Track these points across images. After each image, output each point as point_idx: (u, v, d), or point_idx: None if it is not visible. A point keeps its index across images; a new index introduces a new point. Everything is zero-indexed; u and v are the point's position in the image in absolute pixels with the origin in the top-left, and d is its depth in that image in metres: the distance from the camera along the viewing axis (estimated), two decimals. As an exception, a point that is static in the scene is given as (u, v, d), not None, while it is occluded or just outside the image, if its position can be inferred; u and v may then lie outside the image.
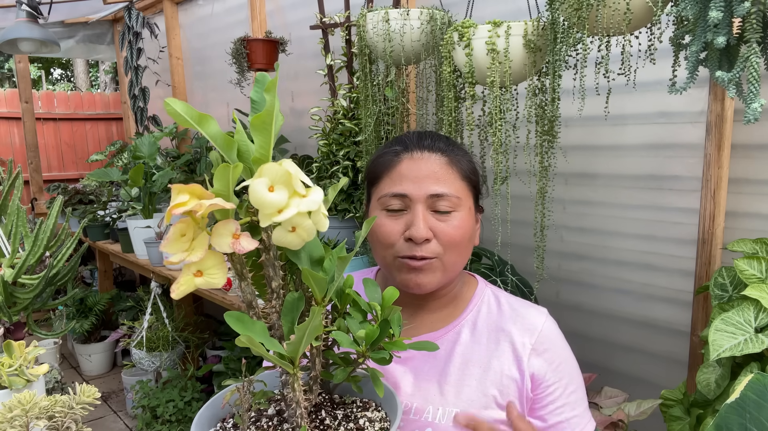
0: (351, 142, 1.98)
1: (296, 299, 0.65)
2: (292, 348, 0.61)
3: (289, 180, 0.58)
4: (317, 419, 0.69)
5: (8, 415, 0.80)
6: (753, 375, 0.51)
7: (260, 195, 0.57)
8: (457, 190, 0.90)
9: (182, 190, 0.55)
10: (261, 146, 0.61)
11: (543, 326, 0.94)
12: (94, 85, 10.54)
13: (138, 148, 2.90)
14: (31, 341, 1.13)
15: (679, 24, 1.07)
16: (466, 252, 0.92)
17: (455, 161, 0.92)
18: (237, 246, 0.57)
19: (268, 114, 0.60)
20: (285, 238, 0.60)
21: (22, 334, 1.27)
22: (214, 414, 0.73)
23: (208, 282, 0.57)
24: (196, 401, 2.74)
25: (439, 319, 0.97)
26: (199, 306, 3.48)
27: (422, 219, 0.87)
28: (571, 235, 1.76)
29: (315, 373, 0.69)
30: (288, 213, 0.57)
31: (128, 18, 3.20)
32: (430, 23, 1.52)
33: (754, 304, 1.10)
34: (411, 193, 0.88)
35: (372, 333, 0.67)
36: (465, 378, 0.91)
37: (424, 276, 0.89)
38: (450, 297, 0.98)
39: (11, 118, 4.94)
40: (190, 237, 0.57)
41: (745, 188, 1.38)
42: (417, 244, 0.87)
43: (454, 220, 0.89)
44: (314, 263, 0.67)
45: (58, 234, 1.37)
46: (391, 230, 0.89)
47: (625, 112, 1.58)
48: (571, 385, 0.93)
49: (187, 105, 0.59)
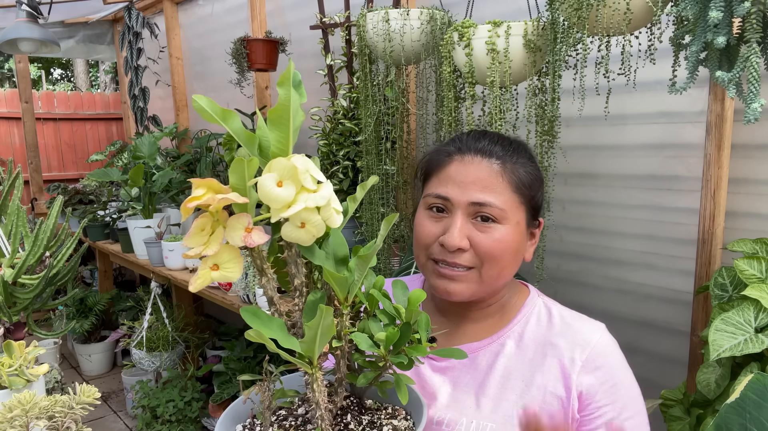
0: (351, 142, 1.98)
1: (318, 299, 0.63)
2: (306, 347, 0.60)
3: (296, 175, 0.57)
4: (342, 422, 0.67)
5: (8, 415, 0.80)
6: (753, 375, 0.51)
7: (268, 190, 0.56)
8: (504, 202, 0.84)
9: (200, 184, 0.55)
10: (279, 141, 0.60)
11: (597, 341, 0.86)
12: (94, 85, 10.54)
13: (138, 148, 2.90)
14: (31, 341, 1.13)
15: (679, 24, 1.07)
16: (508, 267, 0.87)
17: (510, 170, 0.86)
18: (248, 239, 0.57)
19: (283, 108, 0.59)
20: (294, 234, 0.59)
21: (22, 334, 1.27)
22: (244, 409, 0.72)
23: (224, 275, 0.58)
24: (196, 401, 2.74)
25: (483, 329, 0.92)
26: (199, 306, 3.48)
27: (459, 227, 0.83)
28: (570, 235, 1.76)
29: (340, 375, 0.68)
30: (295, 208, 0.57)
31: (128, 18, 3.20)
32: (430, 23, 1.52)
33: (754, 304, 1.10)
34: (453, 197, 0.84)
35: (392, 336, 0.64)
36: (504, 392, 0.86)
37: (455, 285, 0.85)
38: (496, 307, 0.93)
39: (11, 118, 4.94)
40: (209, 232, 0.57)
41: (745, 188, 1.38)
42: (449, 251, 0.84)
43: (495, 233, 0.83)
44: (339, 262, 0.65)
45: (58, 234, 1.37)
46: (429, 231, 0.86)
47: (625, 112, 1.58)
48: (626, 411, 0.84)
49: (212, 101, 0.59)
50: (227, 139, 2.48)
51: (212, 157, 2.92)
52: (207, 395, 2.82)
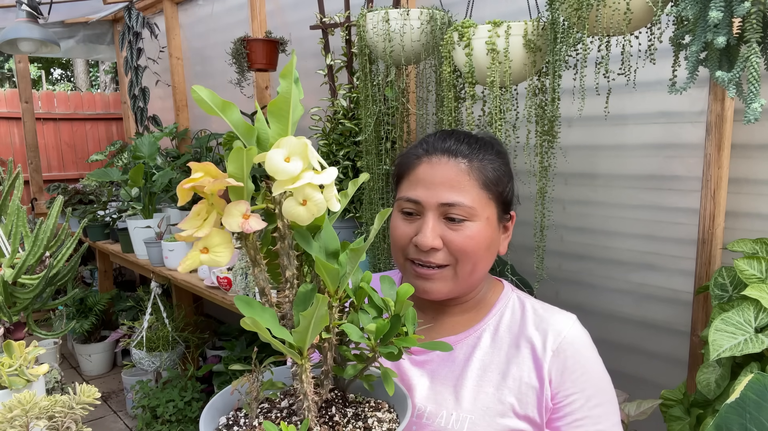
0: (351, 142, 1.98)
1: (309, 290, 0.65)
2: (298, 336, 0.61)
3: (305, 152, 0.59)
4: (326, 415, 0.68)
5: (8, 415, 0.80)
6: (753, 375, 0.51)
7: (275, 162, 0.58)
8: (473, 200, 0.86)
9: (198, 167, 0.57)
10: (278, 133, 0.61)
11: (568, 331, 0.89)
12: (94, 85, 10.54)
13: (138, 148, 2.90)
14: (31, 341, 1.13)
15: (679, 24, 1.07)
16: (482, 262, 0.89)
17: (477, 168, 0.88)
18: (246, 225, 0.57)
19: (284, 100, 0.60)
20: (295, 210, 0.60)
21: (22, 334, 1.27)
22: (226, 402, 0.73)
23: (212, 259, 0.58)
24: (196, 401, 2.74)
25: (460, 323, 0.95)
26: (199, 306, 3.48)
27: (431, 228, 0.85)
28: (571, 235, 1.76)
29: (326, 368, 0.69)
30: (301, 181, 0.58)
31: (128, 18, 3.20)
32: (430, 23, 1.52)
33: (754, 304, 1.10)
34: (423, 199, 0.87)
35: (382, 328, 0.66)
36: (482, 384, 0.88)
37: (432, 284, 0.88)
38: (473, 302, 0.95)
39: (11, 118, 4.94)
40: (204, 217, 0.58)
41: (745, 188, 1.38)
42: (423, 251, 0.86)
43: (466, 230, 0.86)
44: (330, 256, 0.66)
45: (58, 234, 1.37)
46: (403, 233, 0.89)
47: (625, 112, 1.58)
48: (595, 398, 0.86)
49: (212, 92, 0.60)
50: (227, 138, 2.48)
51: (212, 157, 2.92)
52: (207, 395, 2.82)
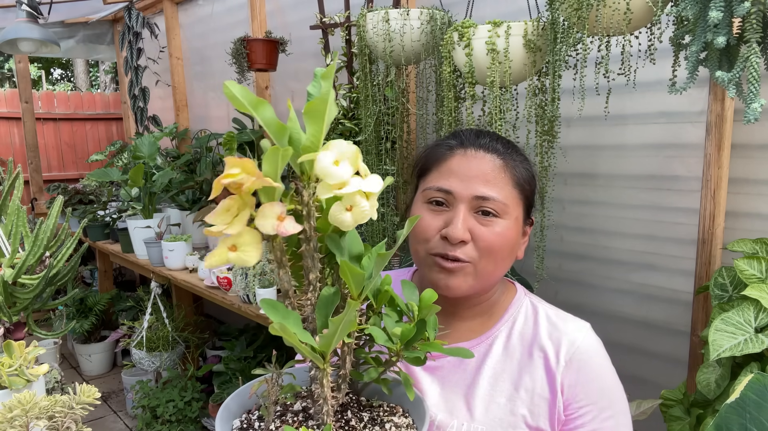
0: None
1: (332, 294, 0.64)
2: (324, 341, 0.60)
3: (356, 158, 0.58)
4: (343, 419, 0.68)
5: (8, 415, 0.80)
6: (753, 375, 0.51)
7: (326, 165, 0.57)
8: (506, 197, 0.85)
9: (235, 163, 0.55)
10: (313, 134, 0.60)
11: (582, 341, 0.87)
12: (94, 85, 10.54)
13: (138, 148, 2.90)
14: (31, 341, 1.13)
15: (679, 24, 1.07)
16: (504, 262, 0.87)
17: (511, 166, 0.87)
18: (281, 228, 0.57)
19: (322, 101, 0.59)
20: (340, 215, 0.59)
21: (22, 334, 1.27)
22: (241, 404, 0.72)
23: (240, 258, 0.58)
24: (196, 401, 2.74)
25: (472, 328, 0.92)
26: (199, 306, 3.48)
27: (462, 219, 0.83)
28: (571, 235, 1.76)
29: (344, 371, 0.68)
30: (350, 188, 0.57)
31: (128, 18, 3.20)
32: (430, 23, 1.52)
33: (754, 304, 1.10)
34: (456, 190, 0.85)
35: (408, 332, 0.66)
36: (494, 394, 0.86)
37: (454, 278, 0.85)
38: (485, 305, 0.93)
39: (11, 118, 4.94)
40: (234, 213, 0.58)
41: (745, 188, 1.38)
42: (452, 244, 0.83)
43: (496, 227, 0.84)
44: (353, 259, 0.66)
45: (58, 234, 1.37)
46: (429, 225, 0.86)
47: (625, 112, 1.58)
48: (608, 410, 0.84)
49: (244, 89, 0.58)
50: (227, 138, 2.48)
51: (212, 157, 2.92)
52: (207, 395, 2.82)
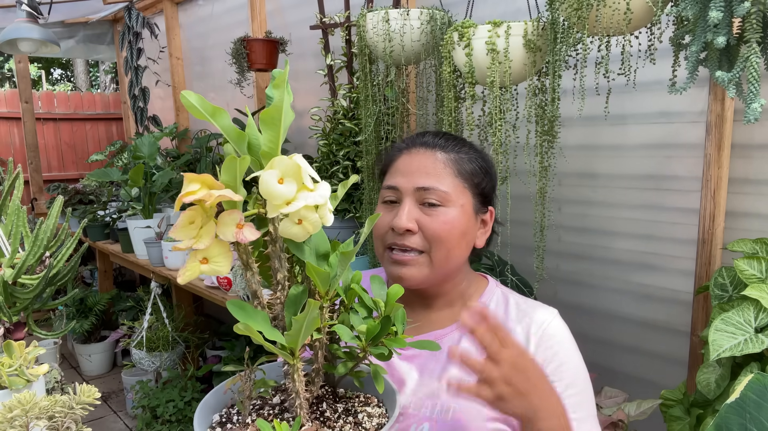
0: (351, 142, 1.98)
1: (300, 292, 0.66)
2: (290, 338, 0.63)
3: (298, 173, 0.60)
4: (318, 411, 0.70)
5: (8, 415, 0.80)
6: (753, 375, 0.51)
7: (270, 186, 0.59)
8: (448, 186, 0.91)
9: (194, 179, 0.57)
10: (270, 140, 0.63)
11: (549, 325, 0.93)
12: (94, 85, 10.54)
13: (138, 148, 2.90)
14: (31, 341, 1.13)
15: (679, 24, 1.07)
16: (457, 250, 0.92)
17: (453, 159, 0.94)
18: (240, 235, 0.58)
19: (276, 109, 0.62)
20: (291, 230, 0.61)
21: (22, 334, 1.27)
22: (218, 400, 0.74)
23: (213, 269, 0.59)
24: (196, 401, 2.74)
25: (445, 317, 0.98)
26: (199, 306, 3.48)
27: (407, 211, 0.90)
28: (570, 235, 1.76)
29: (317, 366, 0.70)
30: (296, 205, 0.59)
31: (128, 18, 3.20)
32: (430, 23, 1.52)
33: (754, 304, 1.10)
34: (401, 185, 0.92)
35: (373, 329, 0.68)
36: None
37: (407, 269, 0.91)
38: (455, 294, 0.99)
39: (11, 118, 4.94)
40: (198, 225, 0.59)
41: (745, 188, 1.38)
42: (399, 234, 0.90)
43: (441, 215, 0.90)
44: (320, 257, 0.68)
45: (58, 234, 1.37)
46: (382, 220, 0.93)
47: (625, 112, 1.58)
48: (573, 387, 0.90)
49: (201, 98, 0.61)
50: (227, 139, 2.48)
51: (212, 157, 2.92)
52: (207, 395, 2.82)
